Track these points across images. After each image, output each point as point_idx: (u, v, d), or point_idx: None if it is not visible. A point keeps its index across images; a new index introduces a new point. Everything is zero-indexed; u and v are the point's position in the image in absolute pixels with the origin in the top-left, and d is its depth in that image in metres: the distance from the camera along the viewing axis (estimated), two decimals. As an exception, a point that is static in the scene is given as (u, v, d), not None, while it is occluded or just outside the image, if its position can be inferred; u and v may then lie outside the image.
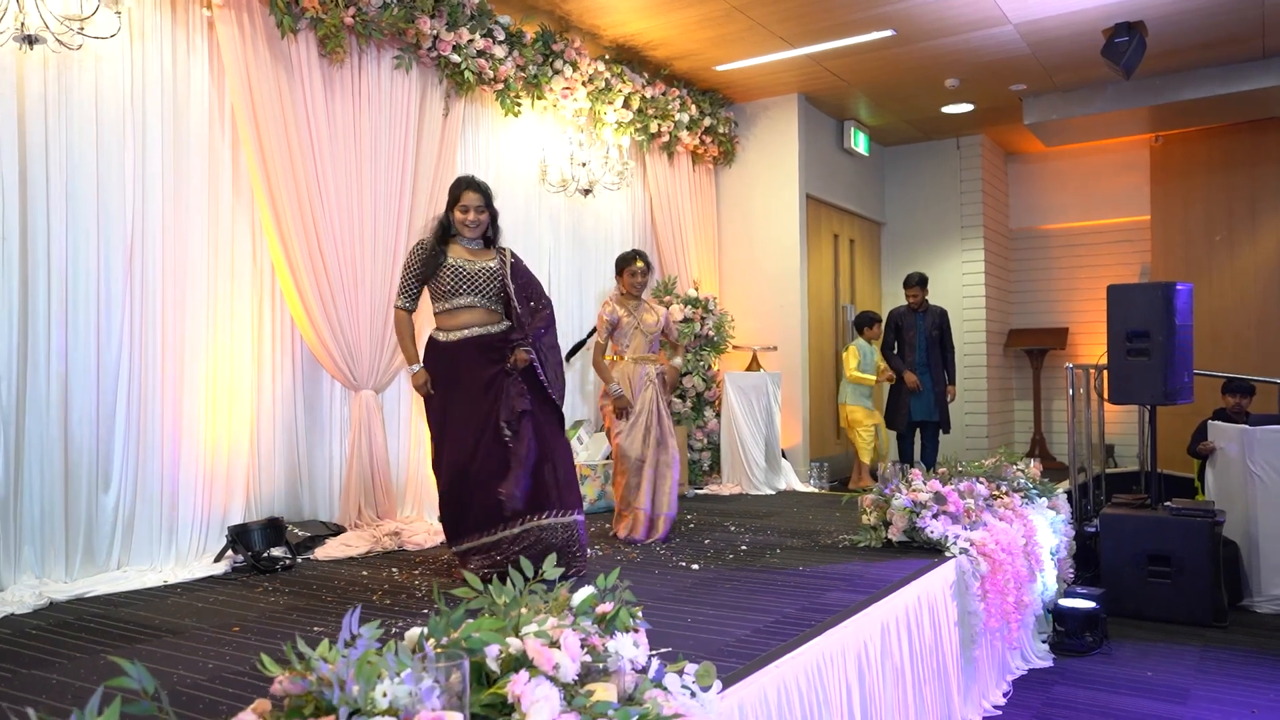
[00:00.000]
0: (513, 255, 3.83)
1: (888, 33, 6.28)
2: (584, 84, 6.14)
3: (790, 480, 6.99)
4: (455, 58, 5.15)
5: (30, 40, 3.38)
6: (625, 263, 4.94)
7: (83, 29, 3.56)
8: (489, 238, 3.80)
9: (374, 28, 4.66)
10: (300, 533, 4.40)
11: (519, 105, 5.79)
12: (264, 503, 4.49)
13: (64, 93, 3.71)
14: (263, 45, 4.30)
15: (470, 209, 3.67)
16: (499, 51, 5.40)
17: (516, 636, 2.07)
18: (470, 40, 5.20)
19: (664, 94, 6.90)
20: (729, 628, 2.93)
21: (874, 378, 7.21)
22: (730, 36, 6.32)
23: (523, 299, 3.76)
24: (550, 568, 2.17)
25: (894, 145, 9.38)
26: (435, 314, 3.76)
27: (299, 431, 4.68)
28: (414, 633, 2.00)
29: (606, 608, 2.31)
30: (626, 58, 6.59)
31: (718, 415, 7.04)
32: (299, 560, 4.23)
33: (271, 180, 4.34)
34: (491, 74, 5.42)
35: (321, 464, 4.76)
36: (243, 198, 4.40)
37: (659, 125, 6.89)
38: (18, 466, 3.59)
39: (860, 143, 8.59)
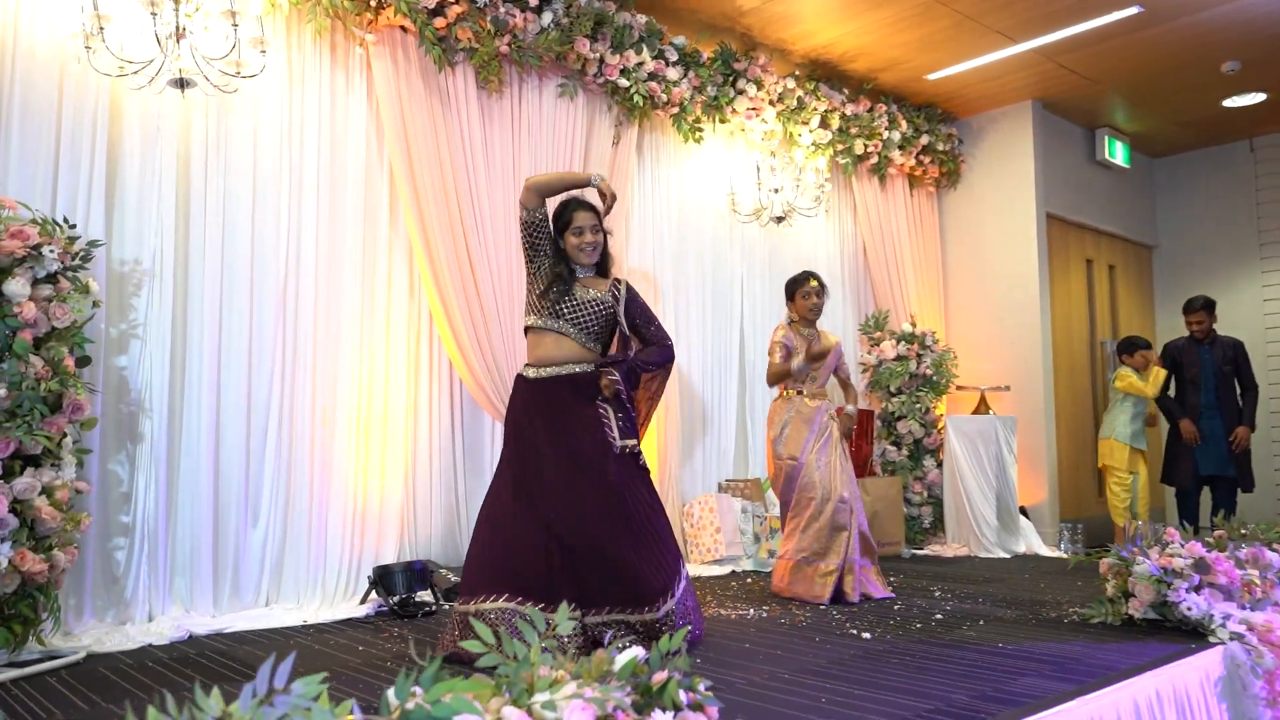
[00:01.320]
0: (628, 288, 3.40)
1: (1132, 10, 5.30)
2: (771, 103, 5.70)
3: (1032, 543, 5.92)
4: (624, 82, 4.92)
5: (182, 84, 3.50)
6: (797, 284, 4.40)
7: (239, 71, 3.66)
8: (602, 265, 3.41)
9: (530, 54, 4.53)
10: (451, 577, 4.18)
11: (700, 130, 5.46)
12: (421, 545, 4.35)
13: (223, 137, 3.85)
14: (417, 79, 4.28)
15: (585, 229, 3.30)
16: (673, 74, 5.12)
17: (516, 705, 1.62)
18: (640, 63, 4.96)
19: (870, 111, 6.29)
20: (868, 714, 2.27)
21: (1154, 390, 5.81)
22: (936, 37, 5.63)
23: (635, 331, 3.35)
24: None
25: (1165, 155, 8.02)
26: (526, 331, 3.36)
27: (458, 473, 4.52)
28: (391, 695, 1.59)
29: (661, 676, 1.79)
30: (822, 74, 6.08)
31: (939, 465, 6.15)
32: (445, 606, 4.01)
33: (425, 216, 4.27)
34: (665, 97, 5.13)
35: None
36: (400, 235, 4.37)
37: (865, 145, 6.27)
38: (170, 499, 3.66)
39: (1118, 153, 7.40)
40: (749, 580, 4.74)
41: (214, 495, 3.75)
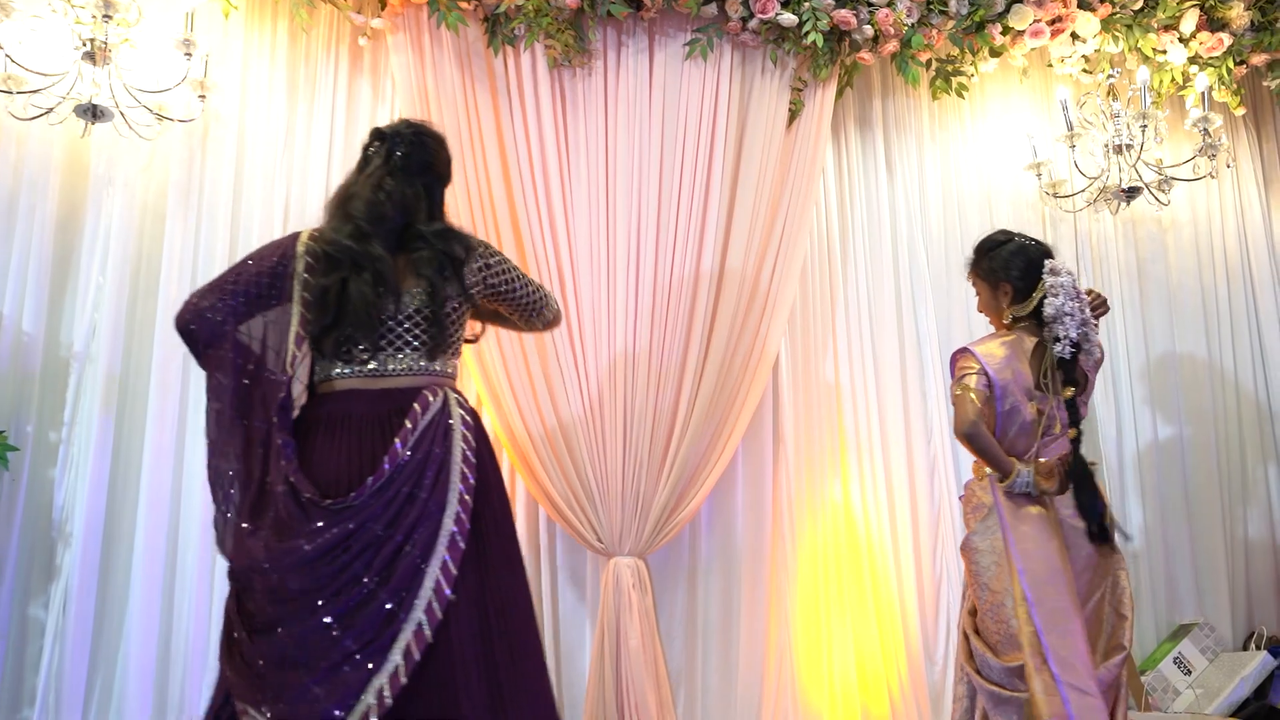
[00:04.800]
0: None
1: None
2: (1086, 7, 3.45)
3: None
4: (789, 17, 3.18)
5: (94, 112, 2.75)
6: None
7: (204, 93, 2.84)
8: None
9: (614, 3, 3.07)
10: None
11: (958, 74, 3.46)
12: None
13: (196, 178, 3.00)
14: (450, 69, 3.05)
15: None
16: (879, -9, 3.25)
17: None
18: (814, -15, 3.20)
19: (1313, -8, 3.62)
20: None
21: None
22: None
23: None
24: None
25: None
26: None
27: (562, 614, 3.03)
28: None
29: None
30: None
31: None
32: None
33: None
34: (871, 31, 3.26)
35: (585, 662, 3.00)
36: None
37: (1311, 52, 3.60)
38: (95, 654, 2.72)
39: None
40: None
41: (160, 648, 2.75)
